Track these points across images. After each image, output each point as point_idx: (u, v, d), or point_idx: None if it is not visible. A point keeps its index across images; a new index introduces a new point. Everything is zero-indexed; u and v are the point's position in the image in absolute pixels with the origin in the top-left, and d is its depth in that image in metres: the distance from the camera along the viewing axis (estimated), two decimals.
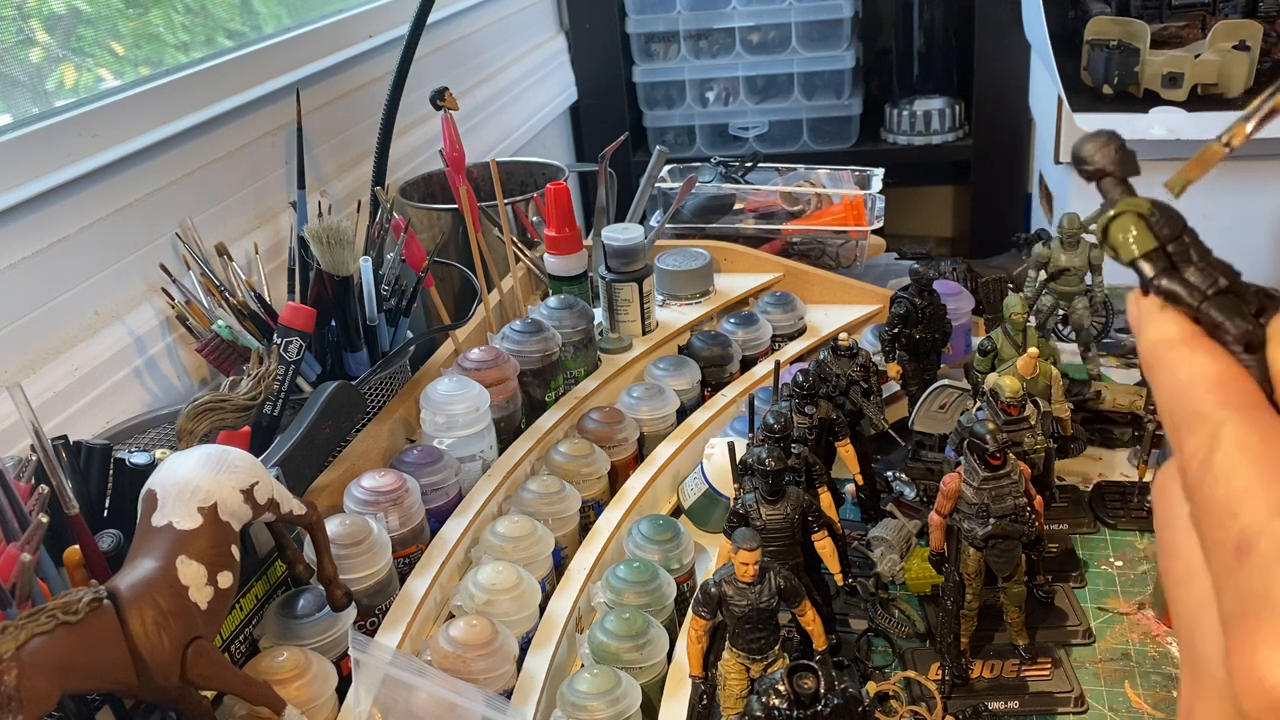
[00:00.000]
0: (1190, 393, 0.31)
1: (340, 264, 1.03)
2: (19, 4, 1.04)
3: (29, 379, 0.93)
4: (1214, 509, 0.29)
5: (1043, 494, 0.88)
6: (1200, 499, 0.30)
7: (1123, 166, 0.32)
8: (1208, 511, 0.29)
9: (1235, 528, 0.28)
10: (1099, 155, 0.32)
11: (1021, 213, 2.18)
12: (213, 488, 0.68)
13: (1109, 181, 0.32)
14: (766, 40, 2.11)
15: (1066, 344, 1.21)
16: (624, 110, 2.20)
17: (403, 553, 0.87)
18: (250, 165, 1.25)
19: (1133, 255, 0.31)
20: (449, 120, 1.15)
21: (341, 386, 0.91)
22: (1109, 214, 0.32)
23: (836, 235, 1.46)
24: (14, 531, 0.64)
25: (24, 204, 0.94)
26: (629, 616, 0.79)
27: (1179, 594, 0.32)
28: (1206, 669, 0.30)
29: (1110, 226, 0.32)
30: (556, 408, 1.06)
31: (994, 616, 0.89)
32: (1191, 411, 0.30)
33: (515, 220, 1.37)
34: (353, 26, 1.46)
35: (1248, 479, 0.28)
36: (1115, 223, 0.32)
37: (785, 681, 0.65)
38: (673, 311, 1.26)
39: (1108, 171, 0.32)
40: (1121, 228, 0.31)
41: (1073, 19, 1.65)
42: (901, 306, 1.07)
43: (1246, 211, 1.52)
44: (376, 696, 0.68)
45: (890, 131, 2.17)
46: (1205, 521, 0.29)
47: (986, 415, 0.89)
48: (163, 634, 0.60)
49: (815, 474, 0.88)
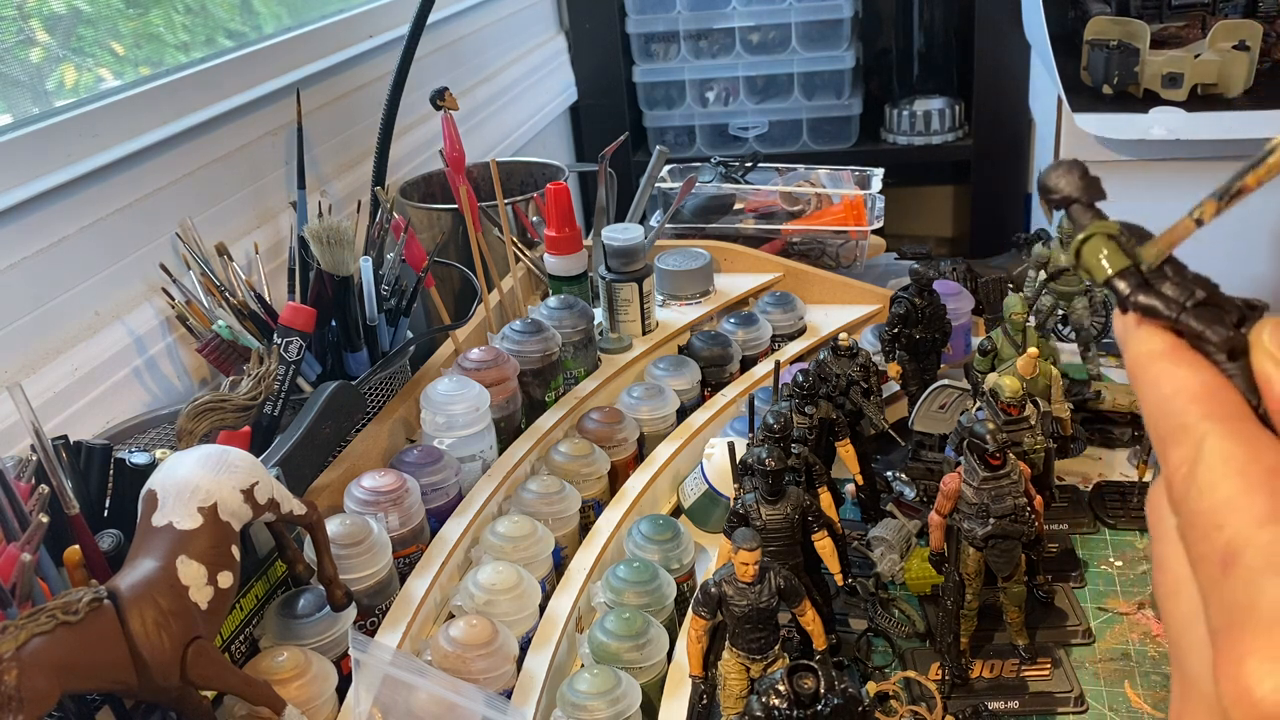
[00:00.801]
0: (1174, 405, 0.31)
1: (340, 264, 1.03)
2: (19, 4, 1.04)
3: (29, 379, 0.93)
4: (1199, 521, 0.29)
5: (1043, 494, 0.88)
6: (1186, 511, 0.30)
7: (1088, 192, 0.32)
8: (1193, 524, 0.29)
9: (1221, 540, 0.28)
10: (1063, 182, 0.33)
11: (1021, 213, 2.18)
12: (213, 488, 0.68)
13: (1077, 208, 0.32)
14: (766, 40, 2.11)
15: (1066, 344, 1.21)
16: (624, 110, 2.20)
17: (403, 553, 0.87)
18: (250, 165, 1.25)
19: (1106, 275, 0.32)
20: (449, 120, 1.15)
21: (341, 386, 0.91)
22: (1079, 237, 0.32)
23: (836, 235, 1.46)
24: (14, 531, 0.64)
25: (24, 204, 0.94)
26: (629, 616, 0.79)
27: (1168, 606, 0.32)
28: (1195, 681, 0.30)
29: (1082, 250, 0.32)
30: (556, 408, 1.06)
31: (994, 616, 0.89)
32: (1176, 424, 0.30)
33: (515, 220, 1.37)
34: (353, 26, 1.46)
35: (1231, 491, 0.28)
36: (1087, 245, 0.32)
37: (785, 681, 0.65)
38: (673, 311, 1.26)
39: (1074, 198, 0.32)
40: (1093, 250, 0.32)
41: (1073, 19, 1.65)
42: (901, 306, 1.07)
43: (1246, 212, 1.51)
44: (376, 696, 0.68)
45: (890, 131, 2.17)
46: (1191, 534, 0.29)
47: (986, 415, 0.89)
48: (163, 634, 0.60)
49: (815, 474, 0.88)
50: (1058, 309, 1.14)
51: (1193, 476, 0.29)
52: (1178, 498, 0.30)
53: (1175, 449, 0.30)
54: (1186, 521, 0.30)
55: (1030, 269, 1.17)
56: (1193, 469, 0.29)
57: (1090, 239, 0.32)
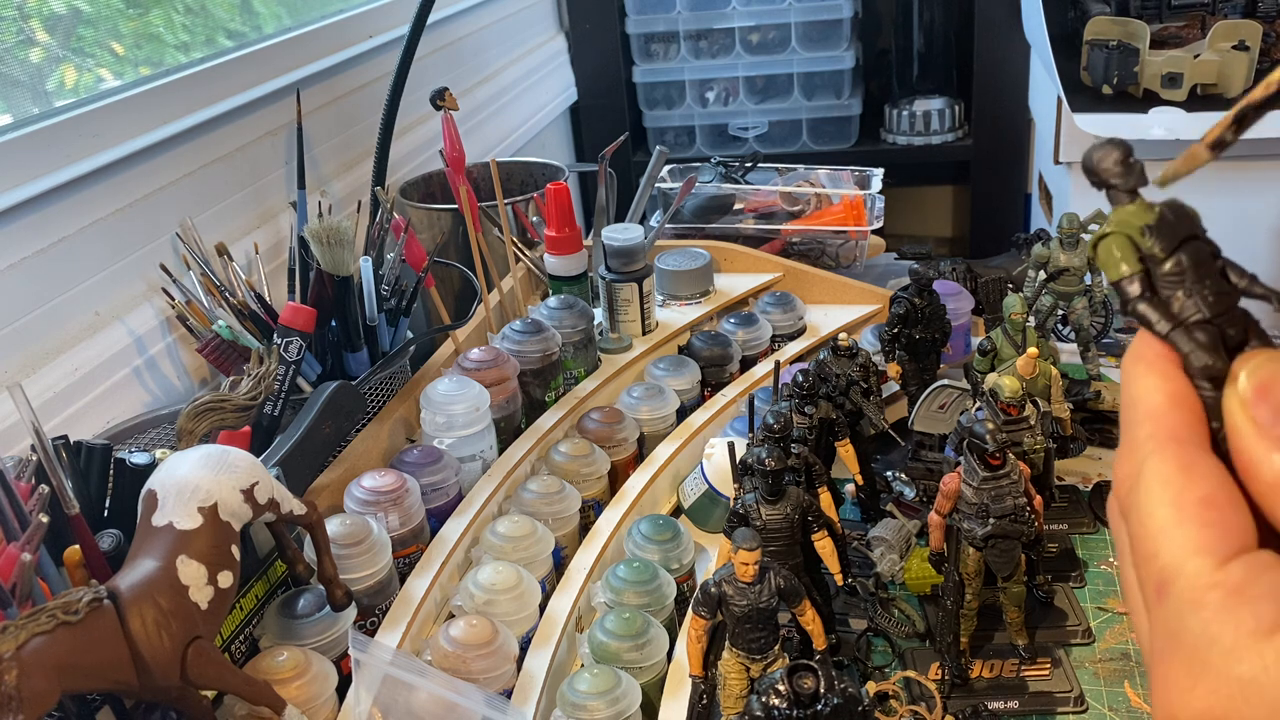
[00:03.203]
0: (1130, 416, 0.31)
1: (340, 264, 1.03)
2: (19, 4, 1.04)
3: (29, 379, 0.93)
4: (1139, 547, 0.29)
5: (1042, 494, 0.88)
6: (1129, 530, 0.30)
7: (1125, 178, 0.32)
8: (1135, 547, 0.29)
9: (1156, 567, 0.28)
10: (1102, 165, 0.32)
11: (1021, 213, 2.19)
12: (213, 488, 0.68)
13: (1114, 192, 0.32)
14: (766, 40, 2.11)
15: (1066, 344, 1.21)
16: (624, 110, 2.20)
17: (403, 553, 0.87)
18: (250, 165, 1.25)
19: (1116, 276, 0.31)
20: (449, 120, 1.15)
21: (341, 386, 0.91)
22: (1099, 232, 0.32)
23: (836, 235, 1.46)
24: (14, 531, 0.64)
25: (24, 204, 0.94)
26: (629, 616, 0.79)
27: (1137, 622, 0.32)
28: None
29: (1099, 245, 0.32)
30: (556, 408, 1.06)
31: (994, 616, 0.89)
32: (1128, 436, 0.30)
33: (515, 220, 1.37)
34: (353, 26, 1.46)
35: (1164, 518, 0.28)
36: (1103, 242, 0.32)
37: (785, 681, 0.65)
38: (673, 311, 1.26)
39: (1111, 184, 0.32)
40: (1107, 248, 0.31)
41: (1072, 19, 1.65)
42: (901, 306, 1.07)
43: (1246, 211, 1.52)
44: (376, 696, 0.68)
45: (890, 132, 2.17)
46: (1134, 556, 0.30)
47: (986, 415, 0.89)
48: (163, 634, 0.60)
49: (815, 474, 0.88)
50: (1058, 309, 1.14)
51: (1134, 496, 0.29)
52: (1124, 510, 0.30)
53: (1122, 462, 0.30)
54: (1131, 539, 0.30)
55: (1030, 269, 1.17)
56: (1134, 487, 0.29)
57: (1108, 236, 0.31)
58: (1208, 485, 0.28)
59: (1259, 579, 0.27)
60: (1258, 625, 0.26)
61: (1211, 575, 0.27)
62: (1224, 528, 0.28)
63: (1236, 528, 0.28)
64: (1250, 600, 0.26)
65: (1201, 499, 0.28)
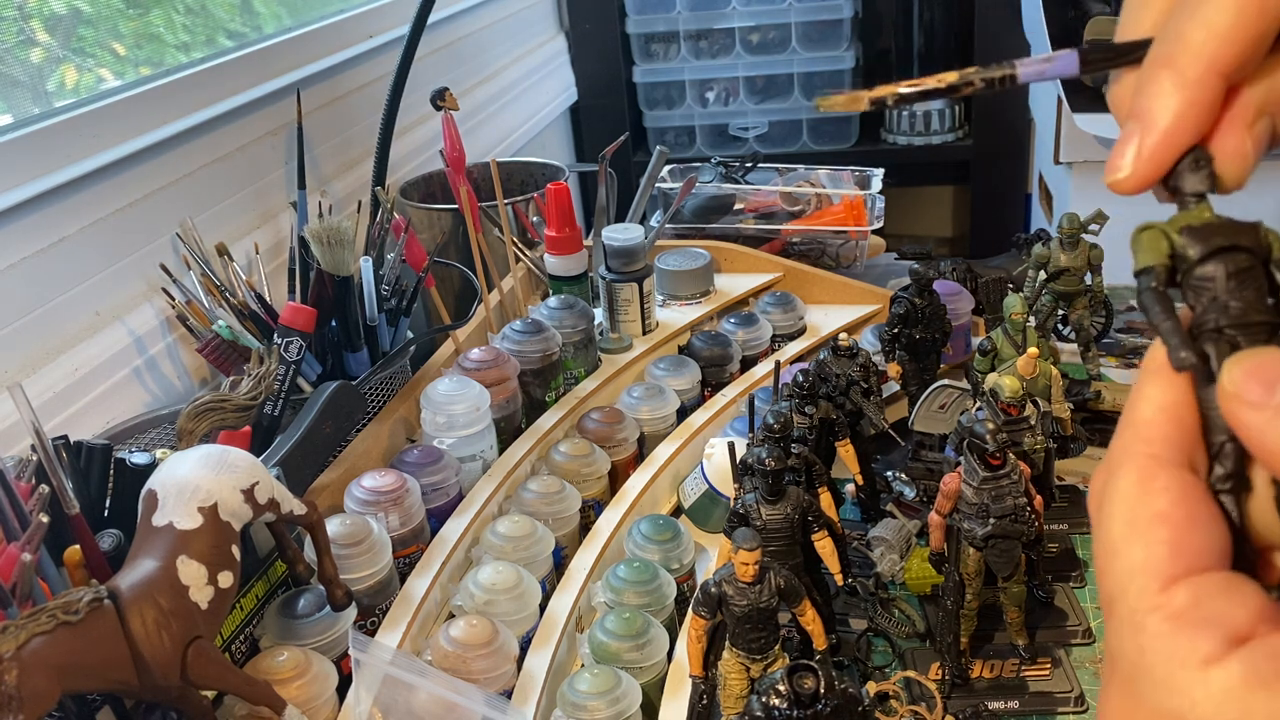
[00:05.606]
0: (1120, 423, 0.30)
1: (340, 264, 1.03)
2: (19, 4, 1.04)
3: (29, 379, 0.93)
4: (1095, 558, 0.29)
5: (1043, 494, 0.88)
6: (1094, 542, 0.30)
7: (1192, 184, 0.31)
8: (1094, 559, 0.29)
9: (1108, 582, 0.28)
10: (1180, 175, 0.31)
11: (1021, 213, 2.19)
12: (213, 488, 0.68)
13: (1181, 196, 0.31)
14: (766, 40, 2.11)
15: (1066, 344, 1.21)
16: (624, 110, 2.20)
17: (403, 553, 0.87)
18: (250, 165, 1.25)
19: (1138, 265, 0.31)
20: (449, 120, 1.15)
21: (342, 386, 0.91)
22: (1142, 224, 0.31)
23: (836, 235, 1.46)
24: (14, 531, 0.64)
25: (24, 204, 0.94)
26: (629, 616, 0.79)
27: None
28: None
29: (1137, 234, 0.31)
30: (556, 408, 1.06)
31: (994, 616, 0.89)
32: (1111, 444, 0.30)
33: (515, 220, 1.37)
34: (353, 26, 1.46)
35: (1118, 534, 0.27)
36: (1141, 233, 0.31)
37: (785, 681, 0.65)
38: (673, 311, 1.26)
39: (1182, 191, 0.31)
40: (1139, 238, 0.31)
41: (1073, 19, 1.65)
42: (901, 306, 1.07)
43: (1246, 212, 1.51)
44: (377, 696, 0.68)
45: (890, 131, 2.17)
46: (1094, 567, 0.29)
47: (986, 415, 0.89)
48: (163, 634, 0.60)
49: (815, 474, 0.88)
50: (1058, 309, 1.14)
51: (1101, 507, 0.29)
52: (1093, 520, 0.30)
53: (1099, 470, 0.30)
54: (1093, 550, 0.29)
55: (1030, 269, 1.17)
56: (1102, 496, 0.29)
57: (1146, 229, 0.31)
58: (1164, 501, 0.27)
59: (1202, 605, 0.25)
60: (1191, 656, 0.25)
61: (1153, 598, 0.26)
62: (1174, 547, 0.26)
63: (1189, 548, 0.26)
64: (1189, 627, 0.25)
65: (1155, 515, 0.27)
